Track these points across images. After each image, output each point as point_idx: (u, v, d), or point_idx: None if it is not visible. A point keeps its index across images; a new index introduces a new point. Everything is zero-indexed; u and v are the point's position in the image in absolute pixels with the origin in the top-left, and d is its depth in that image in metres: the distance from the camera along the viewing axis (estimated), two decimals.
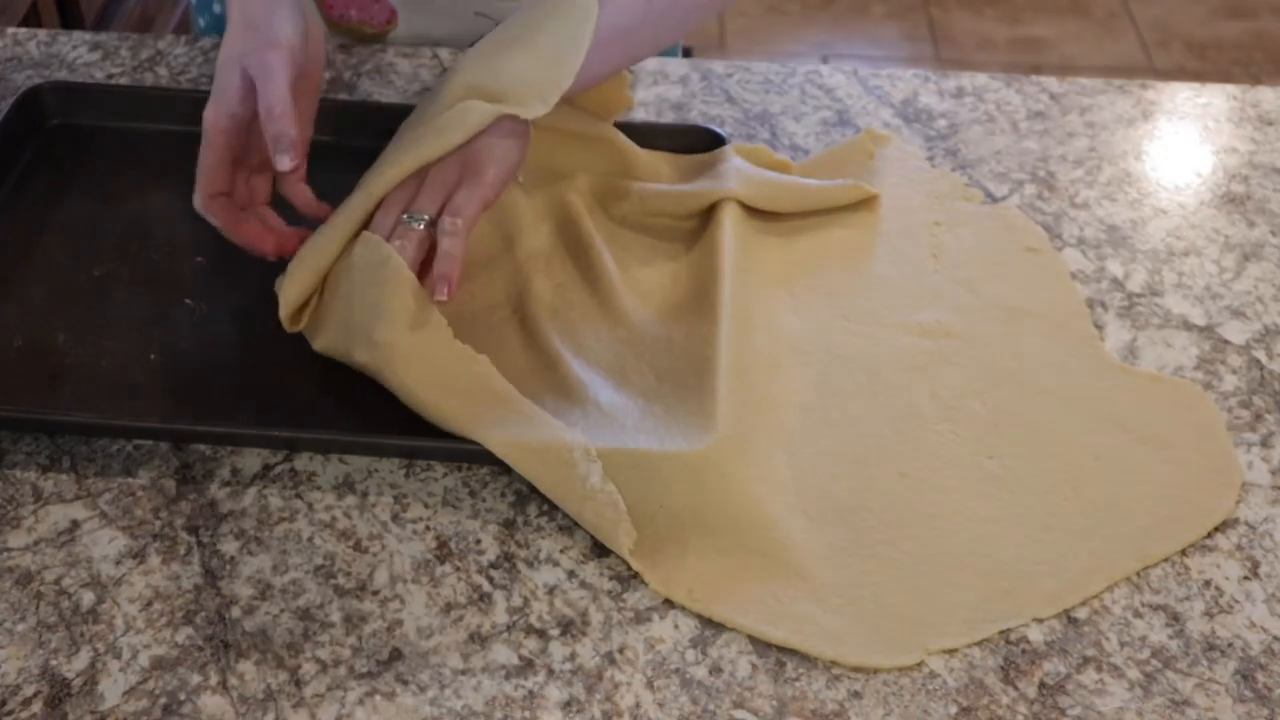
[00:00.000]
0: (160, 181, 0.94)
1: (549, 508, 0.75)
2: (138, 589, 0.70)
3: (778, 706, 0.66)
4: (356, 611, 0.70)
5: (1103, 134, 1.02)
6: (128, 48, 1.07)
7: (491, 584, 0.71)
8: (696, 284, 0.85)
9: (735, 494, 0.73)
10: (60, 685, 0.66)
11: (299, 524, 0.74)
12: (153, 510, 0.74)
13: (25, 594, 0.70)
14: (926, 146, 1.00)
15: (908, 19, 2.92)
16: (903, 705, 0.66)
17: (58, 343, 0.82)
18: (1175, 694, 0.67)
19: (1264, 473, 0.78)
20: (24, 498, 0.75)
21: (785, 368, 0.81)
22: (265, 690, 0.66)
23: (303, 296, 0.80)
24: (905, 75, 1.08)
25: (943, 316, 0.86)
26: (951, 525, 0.74)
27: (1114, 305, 0.88)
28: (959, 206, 0.94)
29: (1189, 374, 0.84)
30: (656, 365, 0.80)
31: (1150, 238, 0.93)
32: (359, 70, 1.05)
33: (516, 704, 0.66)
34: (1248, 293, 0.89)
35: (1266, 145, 1.02)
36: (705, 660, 0.68)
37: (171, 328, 0.83)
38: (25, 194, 0.93)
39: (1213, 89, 1.07)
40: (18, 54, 1.07)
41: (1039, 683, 0.67)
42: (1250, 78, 2.76)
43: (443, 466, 0.77)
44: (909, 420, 0.79)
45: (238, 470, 0.76)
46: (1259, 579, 0.73)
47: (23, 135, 0.96)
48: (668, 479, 0.72)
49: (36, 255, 0.88)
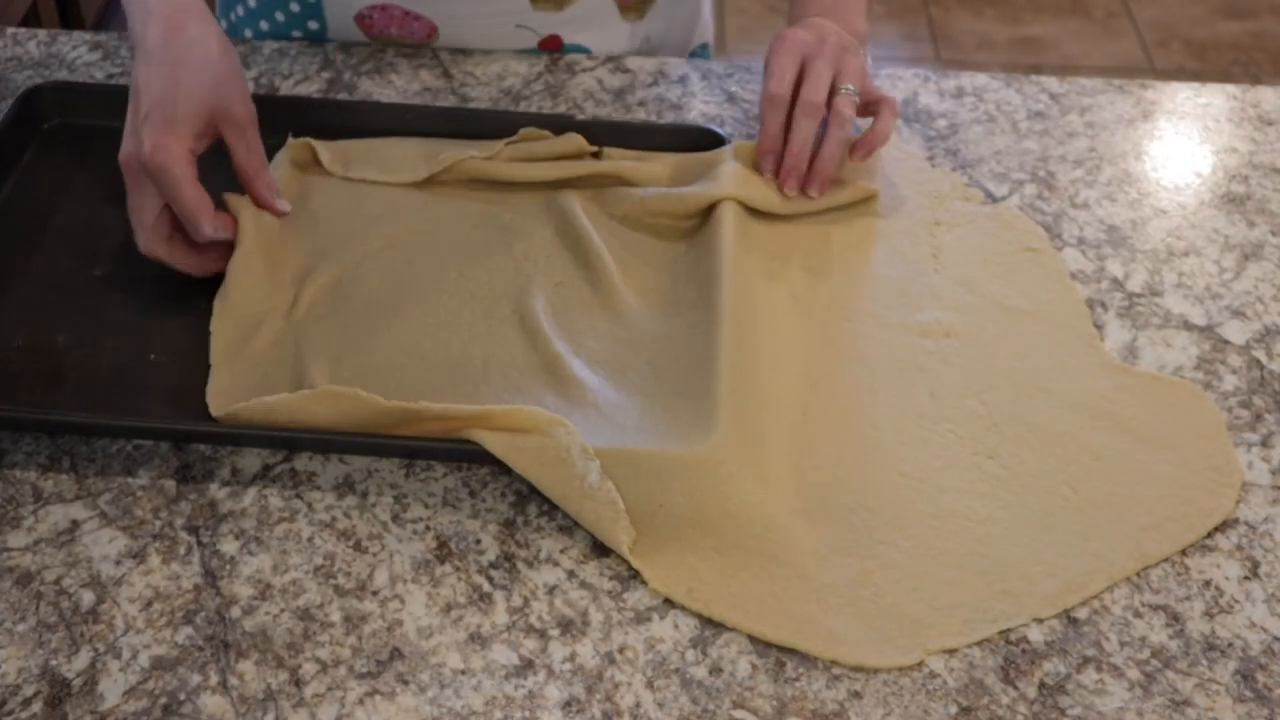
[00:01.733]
0: None
1: (549, 508, 0.75)
2: (138, 589, 0.70)
3: (778, 706, 0.66)
4: (356, 611, 0.70)
5: (1103, 134, 1.02)
6: (128, 48, 1.07)
7: (491, 584, 0.71)
8: (696, 284, 0.85)
9: (735, 494, 0.73)
10: (60, 685, 0.66)
11: (299, 524, 0.74)
12: (153, 510, 0.74)
13: (25, 594, 0.70)
14: (926, 146, 1.00)
15: (908, 19, 2.92)
16: (903, 705, 0.66)
17: (58, 343, 0.82)
18: (1175, 694, 0.67)
19: (1264, 473, 0.78)
20: (24, 498, 0.75)
21: (785, 368, 0.81)
22: (265, 690, 0.66)
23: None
24: (905, 75, 1.08)
25: (943, 316, 0.85)
26: (951, 525, 0.74)
27: (1114, 305, 0.88)
28: (959, 206, 0.94)
29: (1189, 374, 0.84)
30: (656, 365, 0.80)
31: (1150, 238, 0.93)
32: (359, 70, 1.05)
33: (516, 704, 0.66)
34: (1248, 293, 0.89)
35: (1266, 145, 1.02)
36: (705, 660, 0.68)
37: (171, 328, 0.83)
38: (25, 194, 0.93)
39: (1213, 89, 1.07)
40: (18, 54, 1.07)
41: (1039, 683, 0.67)
42: (1250, 78, 2.76)
43: (443, 466, 0.77)
44: (909, 420, 0.79)
45: (238, 470, 0.76)
46: (1259, 579, 0.73)
47: (23, 135, 0.96)
48: (668, 479, 0.72)
49: (36, 255, 0.88)
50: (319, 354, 0.81)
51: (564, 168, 0.93)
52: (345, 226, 0.90)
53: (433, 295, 0.85)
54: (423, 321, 0.83)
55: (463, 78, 1.05)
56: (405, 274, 0.87)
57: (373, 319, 0.83)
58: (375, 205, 0.92)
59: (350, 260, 0.87)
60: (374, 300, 0.85)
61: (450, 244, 0.89)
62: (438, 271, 0.87)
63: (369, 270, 0.87)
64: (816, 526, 0.73)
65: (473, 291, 0.86)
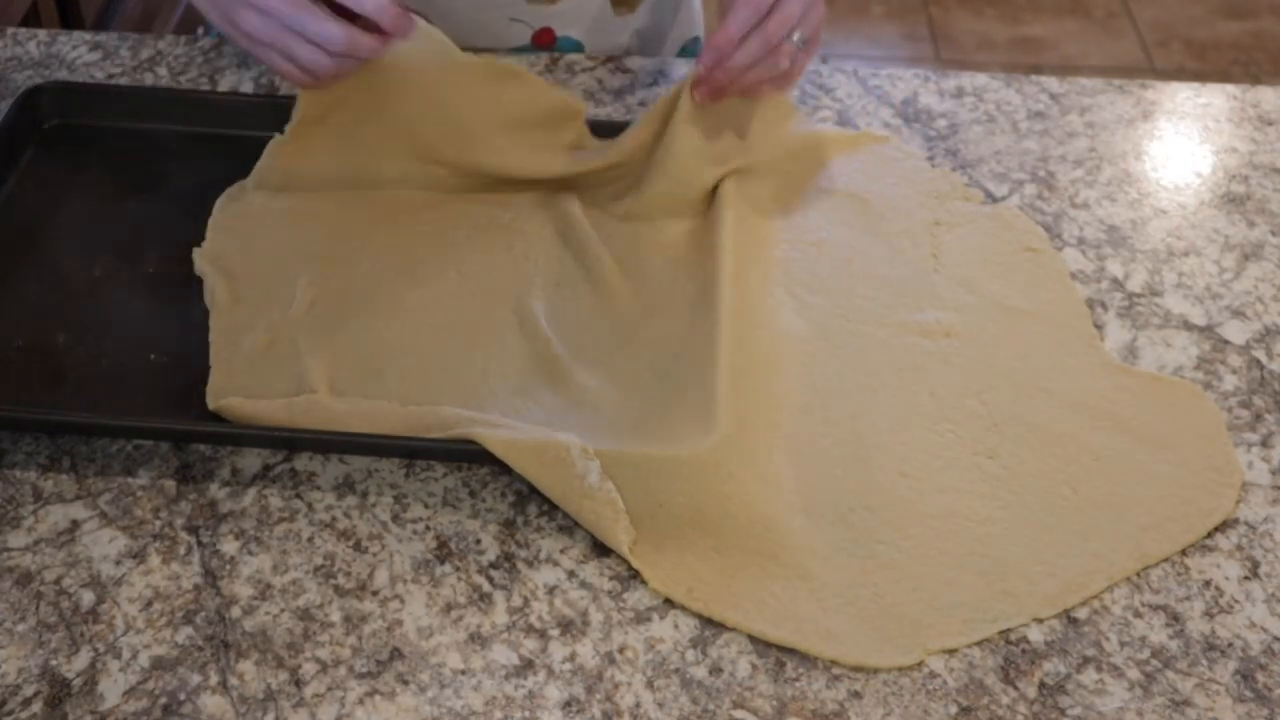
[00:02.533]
0: (160, 181, 0.94)
1: (549, 508, 0.75)
2: (138, 589, 0.70)
3: (778, 706, 0.66)
4: (356, 611, 0.70)
5: (1103, 134, 1.02)
6: (128, 48, 1.07)
7: (491, 584, 0.71)
8: (696, 284, 0.85)
9: (735, 494, 0.73)
10: (60, 685, 0.66)
11: (299, 524, 0.74)
12: (153, 510, 0.74)
13: (25, 594, 0.70)
14: (926, 146, 1.00)
15: (908, 19, 2.92)
16: (903, 705, 0.66)
17: (58, 343, 0.82)
18: (1175, 694, 0.67)
19: (1264, 473, 0.78)
20: (24, 498, 0.75)
21: (784, 367, 0.81)
22: (265, 690, 0.66)
23: None
24: (905, 75, 1.08)
25: (943, 316, 0.85)
26: (951, 525, 0.74)
27: (1114, 305, 0.88)
28: (959, 206, 0.94)
29: (1189, 374, 0.84)
30: (656, 365, 0.80)
31: (1150, 238, 0.93)
32: None
33: (516, 704, 0.66)
34: (1248, 293, 0.89)
35: (1266, 145, 1.02)
36: (705, 660, 0.68)
37: (171, 328, 0.83)
38: (25, 194, 0.93)
39: (1213, 89, 1.07)
40: (18, 54, 1.07)
41: (1039, 683, 0.67)
42: (1250, 78, 2.76)
43: (443, 466, 0.77)
44: (909, 420, 0.79)
45: (238, 470, 0.76)
46: (1259, 579, 0.73)
47: (23, 135, 0.96)
48: (667, 479, 0.72)
49: (36, 255, 0.88)
50: (318, 353, 0.81)
51: (561, 161, 0.92)
52: (345, 226, 0.90)
53: (432, 295, 0.85)
54: (422, 321, 0.83)
55: None
56: (405, 273, 0.87)
57: (372, 319, 0.83)
58: (375, 205, 0.92)
59: (350, 260, 0.87)
60: (373, 300, 0.85)
61: (450, 244, 0.89)
62: (438, 271, 0.87)
63: (368, 270, 0.87)
64: (816, 526, 0.73)
65: (473, 291, 0.86)
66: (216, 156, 0.95)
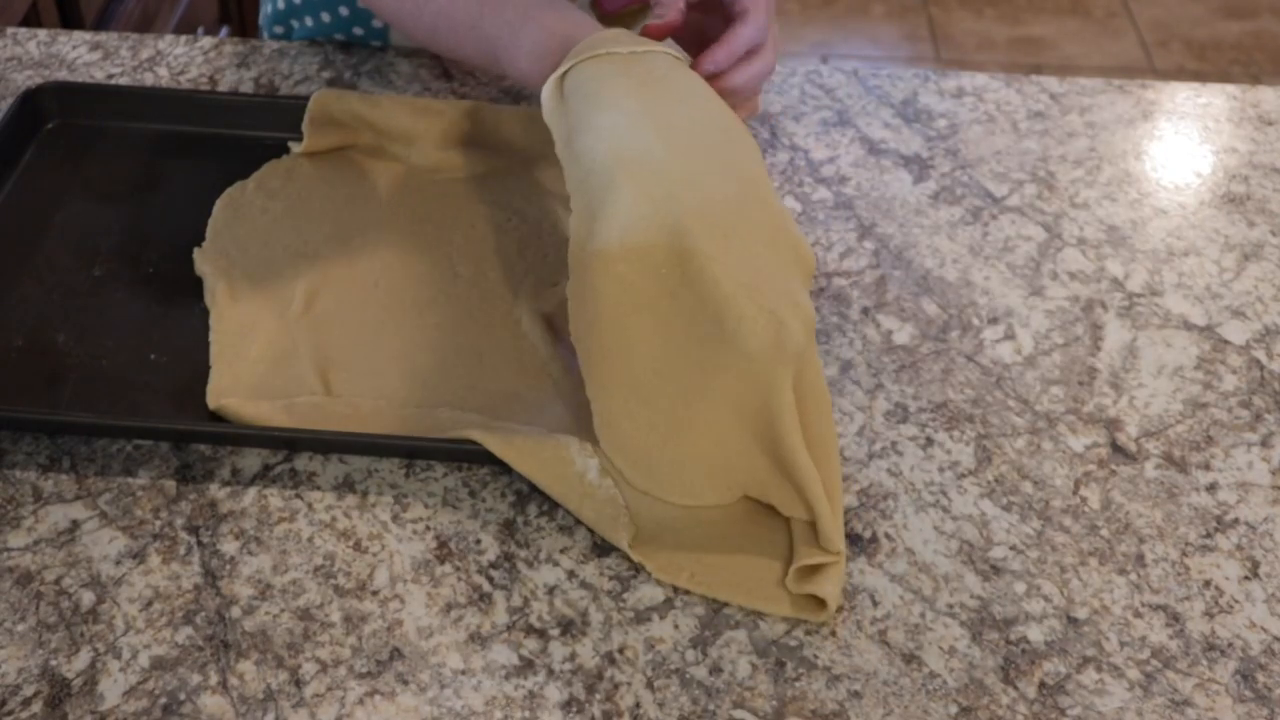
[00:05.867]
0: (160, 181, 0.94)
1: (549, 508, 0.75)
2: (138, 589, 0.70)
3: (778, 706, 0.66)
4: (356, 611, 0.70)
5: (1103, 134, 1.02)
6: (128, 48, 1.07)
7: (491, 584, 0.71)
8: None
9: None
10: (60, 685, 0.66)
11: (299, 524, 0.74)
12: (153, 510, 0.74)
13: (25, 594, 0.70)
14: (927, 146, 1.00)
15: (908, 19, 2.92)
16: (903, 705, 0.66)
17: (58, 343, 0.82)
18: (1175, 694, 0.67)
19: (1264, 473, 0.78)
20: (24, 498, 0.75)
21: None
22: (265, 690, 0.66)
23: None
24: (905, 75, 1.08)
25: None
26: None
27: (1114, 305, 0.88)
28: None
29: (1189, 374, 0.84)
30: None
31: (1150, 238, 0.93)
32: (359, 70, 1.05)
33: (516, 704, 0.66)
34: (1248, 293, 0.89)
35: (1266, 145, 1.02)
36: (705, 660, 0.68)
37: (171, 328, 0.83)
38: (25, 194, 0.93)
39: (1213, 89, 1.07)
40: (18, 54, 1.07)
41: (1039, 683, 0.67)
42: (1250, 78, 2.76)
43: (443, 466, 0.77)
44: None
45: (238, 470, 0.76)
46: (1259, 579, 0.73)
47: (23, 135, 0.96)
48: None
49: (36, 255, 0.88)
50: (318, 353, 0.81)
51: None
52: (344, 225, 0.90)
53: (431, 295, 0.85)
54: (421, 321, 0.83)
55: (462, 78, 1.05)
56: (403, 273, 0.87)
57: (371, 318, 0.83)
58: (374, 204, 0.92)
59: (348, 259, 0.87)
60: (372, 299, 0.85)
61: (449, 244, 0.89)
62: (437, 271, 0.87)
63: (367, 269, 0.87)
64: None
65: (472, 291, 0.86)
66: (216, 156, 0.95)
